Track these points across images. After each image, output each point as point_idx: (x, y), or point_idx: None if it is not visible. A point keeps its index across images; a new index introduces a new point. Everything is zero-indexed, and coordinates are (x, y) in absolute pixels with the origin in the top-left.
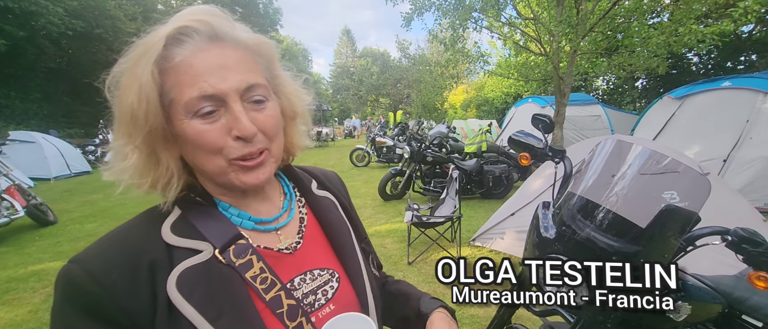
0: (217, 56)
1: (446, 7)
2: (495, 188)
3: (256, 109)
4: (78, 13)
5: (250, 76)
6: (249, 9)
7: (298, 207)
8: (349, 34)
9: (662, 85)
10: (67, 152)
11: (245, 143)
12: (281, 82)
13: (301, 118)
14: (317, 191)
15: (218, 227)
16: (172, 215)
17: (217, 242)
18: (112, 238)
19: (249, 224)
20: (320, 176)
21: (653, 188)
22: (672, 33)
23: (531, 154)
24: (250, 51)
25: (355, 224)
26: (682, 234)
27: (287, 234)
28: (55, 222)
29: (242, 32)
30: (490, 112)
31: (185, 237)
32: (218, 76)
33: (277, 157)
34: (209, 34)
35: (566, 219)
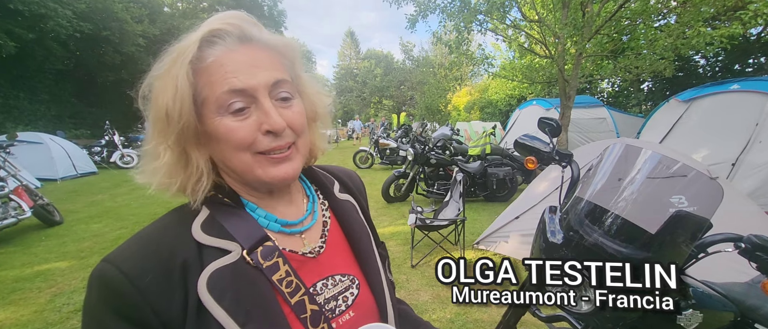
0: (247, 55)
1: (451, 10)
2: (499, 191)
3: (284, 105)
4: (86, 15)
5: (277, 73)
6: (253, 11)
7: (322, 210)
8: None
9: (668, 87)
10: (74, 153)
11: (274, 137)
12: (303, 83)
13: (321, 121)
14: (340, 194)
15: (246, 227)
16: (201, 214)
17: (246, 243)
18: (146, 238)
19: (275, 226)
20: (343, 177)
21: (661, 192)
22: (680, 35)
23: (537, 157)
24: (277, 51)
25: (372, 227)
26: (694, 240)
27: (311, 238)
28: (61, 222)
29: (268, 35)
30: (493, 114)
31: (215, 237)
32: (247, 73)
33: (304, 154)
34: (239, 35)
35: (574, 224)
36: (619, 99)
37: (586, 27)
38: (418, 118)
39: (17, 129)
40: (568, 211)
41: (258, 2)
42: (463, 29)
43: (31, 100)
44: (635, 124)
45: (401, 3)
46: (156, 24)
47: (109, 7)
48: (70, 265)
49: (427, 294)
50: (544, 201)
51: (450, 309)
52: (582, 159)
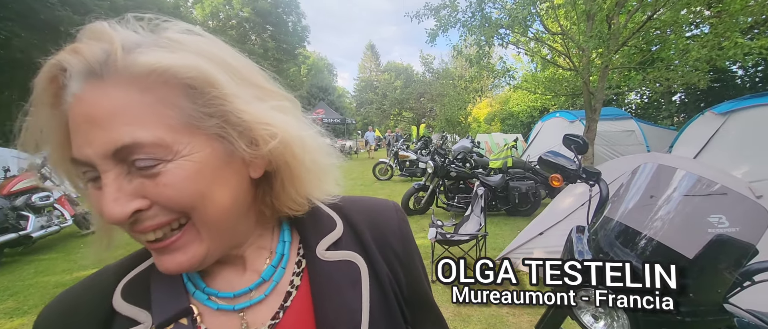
0: (87, 105)
1: (472, 25)
2: (521, 205)
3: (145, 175)
4: None
5: (125, 132)
6: (278, 27)
7: (291, 274)
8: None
9: (703, 99)
10: None
11: (133, 223)
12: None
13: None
14: (328, 253)
15: (168, 294)
16: (139, 268)
17: (157, 316)
18: (76, 289)
19: (201, 296)
20: (358, 222)
21: (698, 212)
22: (714, 46)
23: (563, 175)
24: (152, 83)
25: (393, 304)
26: (738, 267)
27: (255, 318)
28: None
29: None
30: (515, 126)
31: (130, 304)
32: (83, 136)
33: (215, 230)
34: (83, 71)
35: (603, 245)
36: (649, 111)
37: (613, 39)
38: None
39: None
40: (597, 231)
41: (283, 19)
42: (484, 44)
43: None
44: (666, 137)
45: (422, 18)
46: None
47: None
48: None
49: (448, 311)
50: (570, 218)
51: (472, 327)
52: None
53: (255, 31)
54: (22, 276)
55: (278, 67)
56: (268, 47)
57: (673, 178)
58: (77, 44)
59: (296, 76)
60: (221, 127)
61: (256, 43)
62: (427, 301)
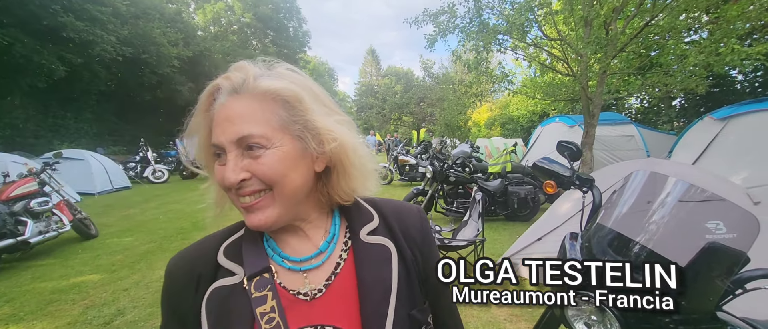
0: (229, 109)
1: (470, 30)
2: (520, 210)
3: (250, 156)
4: (128, 40)
5: (245, 127)
6: (280, 32)
7: (340, 250)
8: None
9: (703, 104)
10: (111, 168)
11: (230, 190)
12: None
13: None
14: (368, 237)
15: (255, 255)
16: (235, 235)
17: (248, 270)
18: (193, 247)
19: (277, 259)
20: (390, 216)
21: (691, 220)
22: (712, 52)
23: (557, 182)
24: (267, 98)
25: (414, 283)
26: (730, 275)
27: (314, 279)
28: (97, 235)
29: (267, 80)
30: (515, 131)
31: (230, 260)
32: (221, 128)
33: (289, 200)
34: (230, 88)
35: (596, 252)
36: (648, 116)
37: (610, 44)
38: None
39: (63, 146)
40: (589, 239)
41: (284, 24)
42: (482, 49)
43: (76, 119)
44: (666, 142)
45: (421, 24)
46: (190, 47)
47: (149, 33)
48: (101, 278)
49: None
50: (568, 223)
51: None
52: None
53: (256, 36)
54: (19, 282)
55: None
56: (269, 52)
57: (665, 186)
58: (228, 73)
59: None
60: (301, 131)
61: (257, 48)
62: (437, 288)
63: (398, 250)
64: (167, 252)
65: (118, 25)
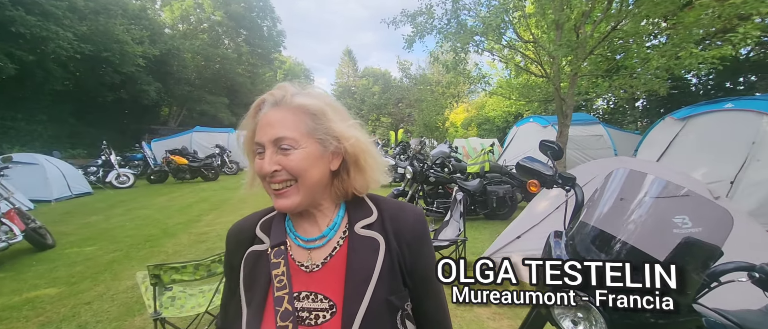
0: (271, 117)
1: (448, 31)
2: (499, 209)
3: (282, 153)
4: (87, 37)
5: (281, 131)
6: (253, 31)
7: (339, 237)
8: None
9: (663, 105)
10: (69, 173)
11: (270, 177)
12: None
13: (362, 160)
14: (362, 230)
15: (278, 232)
16: (270, 214)
17: (272, 241)
18: (244, 219)
19: (292, 236)
20: (387, 214)
21: (664, 213)
22: (672, 56)
23: (540, 181)
24: (303, 111)
25: (398, 275)
26: (705, 269)
27: (316, 256)
28: (54, 245)
29: (301, 97)
30: (491, 131)
31: (262, 232)
32: (263, 131)
33: (309, 191)
34: (272, 102)
35: (580, 250)
36: (615, 116)
37: (581, 47)
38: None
39: (13, 150)
40: (573, 236)
41: (257, 23)
42: (460, 50)
43: (28, 121)
44: (632, 141)
45: (398, 24)
46: (157, 45)
47: (111, 30)
48: (59, 292)
49: None
50: (546, 221)
51: None
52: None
53: (228, 35)
54: None
55: (253, 72)
56: (242, 52)
57: (643, 183)
58: (272, 91)
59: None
60: (324, 135)
61: (230, 47)
62: (429, 277)
63: (386, 244)
64: (135, 261)
65: (75, 20)
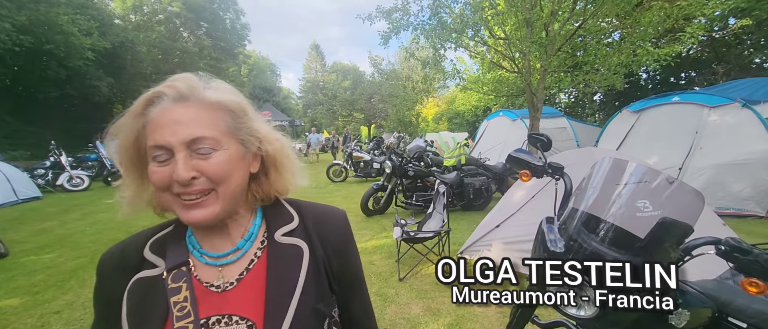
0: (176, 114)
1: (426, 28)
2: (476, 200)
3: (201, 157)
4: (26, 28)
5: (198, 131)
6: (214, 24)
7: (256, 248)
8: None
9: (617, 98)
10: (13, 176)
11: (183, 185)
12: (253, 132)
13: (281, 163)
14: (283, 237)
15: (178, 251)
16: (163, 232)
17: (169, 263)
18: (123, 241)
19: (196, 254)
20: (309, 219)
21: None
22: (630, 54)
23: (531, 171)
24: (215, 107)
25: (323, 281)
26: (679, 244)
27: (228, 273)
28: (6, 254)
29: (213, 92)
30: (461, 125)
31: (154, 253)
32: (170, 130)
33: (229, 198)
34: (174, 96)
35: (573, 233)
36: (575, 109)
37: (550, 45)
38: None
39: None
40: (565, 221)
41: (220, 15)
42: (439, 47)
43: None
44: (592, 133)
45: (373, 20)
46: (107, 37)
47: (53, 20)
48: (23, 302)
49: (417, 307)
50: (523, 210)
51: (443, 320)
52: None
53: (187, 27)
54: None
55: (216, 67)
56: (204, 45)
57: (625, 169)
58: (171, 82)
59: (236, 76)
60: (246, 136)
61: (189, 41)
62: (356, 279)
63: (310, 250)
64: None
65: (12, 9)
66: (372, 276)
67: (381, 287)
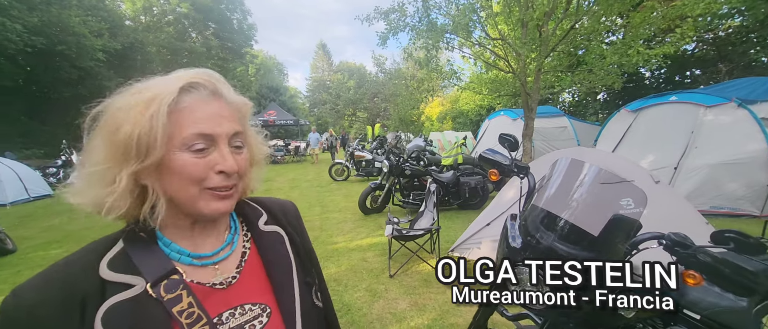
0: (215, 108)
1: (420, 29)
2: (471, 199)
3: (237, 152)
4: (39, 29)
5: (236, 126)
6: (222, 25)
7: (243, 241)
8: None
9: (620, 97)
10: (26, 175)
11: (226, 177)
12: (250, 134)
13: (258, 165)
14: (264, 226)
15: (154, 261)
16: (114, 249)
17: (151, 276)
18: (50, 272)
19: (186, 259)
20: (275, 209)
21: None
22: (623, 54)
23: (499, 170)
24: (235, 108)
25: (303, 258)
26: (628, 240)
27: (225, 269)
28: (15, 250)
29: (232, 94)
30: (465, 124)
31: (120, 272)
32: (214, 122)
33: (242, 194)
34: (212, 89)
35: (531, 229)
36: (578, 108)
37: (544, 45)
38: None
39: None
40: (526, 218)
41: (227, 16)
42: (431, 47)
43: None
44: (593, 132)
45: (372, 21)
46: (117, 38)
47: (65, 21)
48: None
49: (405, 303)
50: (513, 208)
51: (427, 315)
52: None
53: (195, 28)
54: None
55: (224, 67)
56: (212, 45)
57: (582, 170)
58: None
59: (244, 76)
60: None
61: (198, 41)
62: (312, 252)
63: (287, 234)
64: None
65: (24, 11)
66: (364, 272)
67: (371, 283)
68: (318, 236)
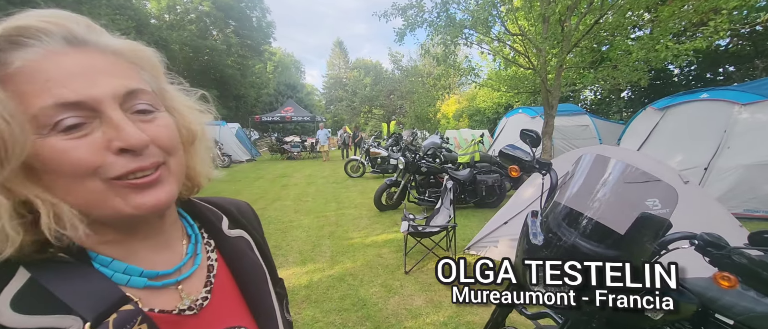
0: (80, 59)
1: (438, 24)
2: (488, 197)
3: (144, 119)
4: None
5: (131, 82)
6: (242, 23)
7: (207, 251)
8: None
9: (646, 95)
10: None
11: (133, 157)
12: (172, 97)
13: (201, 141)
14: (229, 231)
15: (91, 291)
16: (13, 282)
17: (89, 313)
18: None
19: (140, 281)
20: (233, 210)
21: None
22: (650, 49)
23: (520, 166)
24: (126, 59)
25: (271, 265)
26: (656, 239)
27: (191, 289)
28: None
29: (112, 39)
30: (482, 122)
31: (38, 314)
32: (84, 81)
33: (179, 177)
34: (65, 36)
35: (553, 227)
36: (601, 106)
37: (566, 40)
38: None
39: None
40: (547, 215)
41: (247, 14)
42: (450, 43)
43: None
44: (616, 131)
45: (390, 17)
46: (143, 36)
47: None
48: None
49: (420, 299)
50: (531, 206)
51: (443, 312)
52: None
53: (216, 25)
54: None
55: (243, 64)
56: (232, 43)
57: (607, 166)
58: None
59: (262, 73)
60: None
61: (218, 39)
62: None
63: (251, 237)
64: None
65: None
66: (379, 268)
67: (387, 279)
68: (334, 231)
